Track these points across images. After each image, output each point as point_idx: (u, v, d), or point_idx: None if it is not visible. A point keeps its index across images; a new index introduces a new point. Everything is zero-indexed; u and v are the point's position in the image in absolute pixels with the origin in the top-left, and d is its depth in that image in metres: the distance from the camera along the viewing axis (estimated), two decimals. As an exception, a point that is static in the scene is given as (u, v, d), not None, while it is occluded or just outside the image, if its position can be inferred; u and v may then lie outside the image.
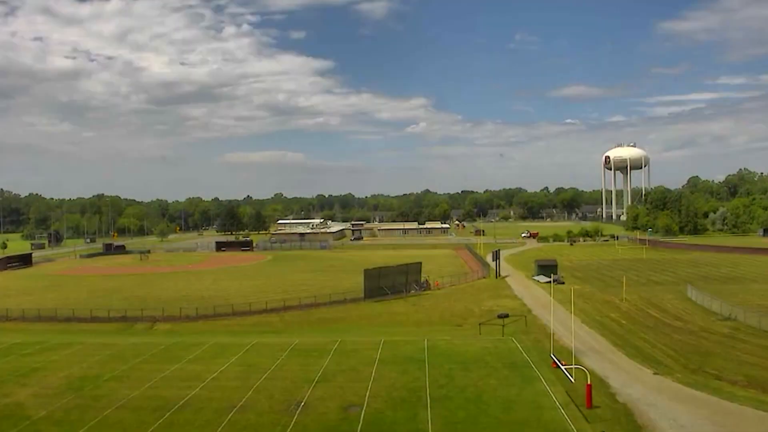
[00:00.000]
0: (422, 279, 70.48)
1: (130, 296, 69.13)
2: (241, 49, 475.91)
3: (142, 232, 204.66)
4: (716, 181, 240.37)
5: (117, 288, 77.80)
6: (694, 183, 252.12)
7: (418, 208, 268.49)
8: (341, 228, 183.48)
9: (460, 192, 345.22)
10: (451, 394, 31.46)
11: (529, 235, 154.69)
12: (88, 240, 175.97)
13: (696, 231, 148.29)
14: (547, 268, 74.67)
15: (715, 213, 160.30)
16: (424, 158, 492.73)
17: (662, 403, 29.28)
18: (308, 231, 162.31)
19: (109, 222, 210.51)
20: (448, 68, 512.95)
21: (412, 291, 65.95)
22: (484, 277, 77.80)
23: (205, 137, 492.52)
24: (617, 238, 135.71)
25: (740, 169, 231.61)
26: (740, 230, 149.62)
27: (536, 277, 74.36)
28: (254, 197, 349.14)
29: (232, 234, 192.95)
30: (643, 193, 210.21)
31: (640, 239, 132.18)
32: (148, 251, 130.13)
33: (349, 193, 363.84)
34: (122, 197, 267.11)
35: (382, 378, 34.53)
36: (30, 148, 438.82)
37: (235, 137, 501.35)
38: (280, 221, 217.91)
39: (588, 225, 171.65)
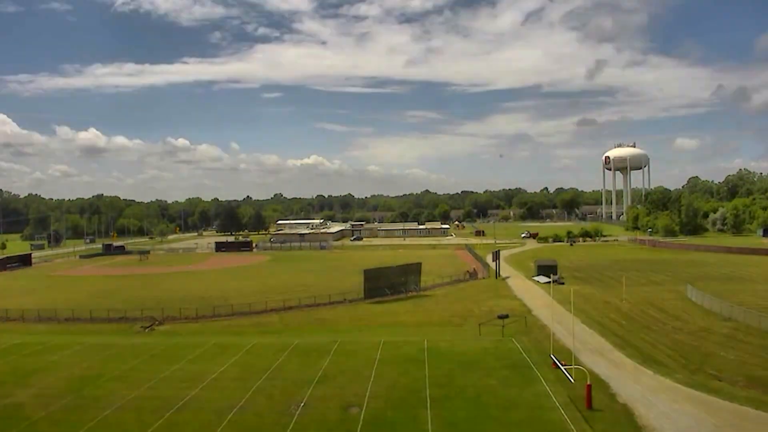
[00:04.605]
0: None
1: (129, 297, 69.05)
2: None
3: (141, 232, 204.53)
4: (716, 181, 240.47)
5: (117, 288, 77.77)
6: (693, 183, 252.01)
7: (417, 209, 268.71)
8: (341, 228, 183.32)
9: (459, 192, 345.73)
10: (451, 394, 31.47)
11: (528, 235, 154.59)
12: (88, 240, 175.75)
13: (696, 231, 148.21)
14: (547, 268, 74.63)
15: (715, 213, 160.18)
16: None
17: (662, 403, 29.28)
18: (308, 231, 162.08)
19: (108, 222, 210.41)
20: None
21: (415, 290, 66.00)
22: (484, 278, 77.82)
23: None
24: (617, 239, 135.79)
25: (740, 170, 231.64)
26: (740, 230, 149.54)
27: (536, 278, 74.32)
28: (254, 198, 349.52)
29: (231, 234, 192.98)
30: (644, 193, 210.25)
31: (640, 239, 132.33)
32: (148, 252, 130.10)
33: (349, 194, 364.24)
34: (121, 197, 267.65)
35: (382, 378, 34.54)
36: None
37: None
38: (279, 222, 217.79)
39: (588, 225, 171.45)
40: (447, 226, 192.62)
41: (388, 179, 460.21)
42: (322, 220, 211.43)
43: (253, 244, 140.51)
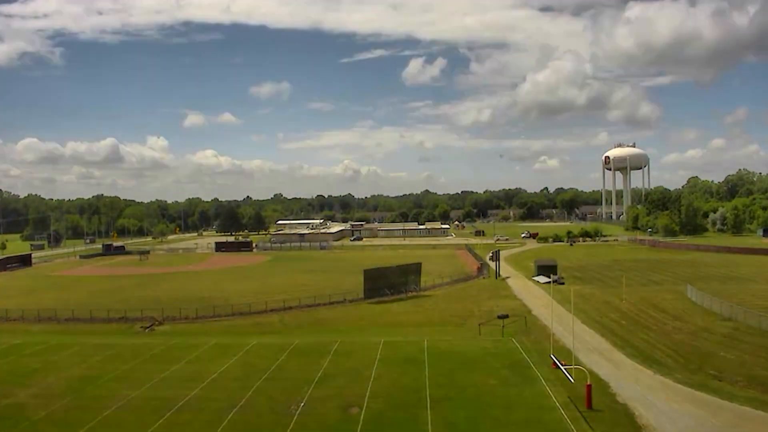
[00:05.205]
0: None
1: (129, 297, 69.05)
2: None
3: (141, 232, 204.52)
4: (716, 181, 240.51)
5: (116, 289, 77.76)
6: (693, 183, 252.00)
7: (417, 209, 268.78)
8: (341, 228, 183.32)
9: (459, 192, 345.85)
10: (451, 394, 31.46)
11: (528, 235, 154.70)
12: (88, 241, 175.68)
13: (696, 231, 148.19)
14: (547, 268, 74.61)
15: (715, 213, 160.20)
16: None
17: (662, 403, 29.28)
18: (308, 231, 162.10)
19: (108, 223, 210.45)
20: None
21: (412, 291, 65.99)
22: (484, 278, 77.82)
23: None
24: (617, 239, 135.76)
25: (740, 170, 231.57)
26: (740, 230, 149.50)
27: (536, 278, 74.30)
28: (254, 198, 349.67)
29: (231, 235, 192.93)
30: (643, 193, 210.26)
31: (640, 239, 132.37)
32: (148, 252, 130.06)
33: (349, 194, 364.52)
34: (121, 198, 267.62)
35: (382, 378, 34.54)
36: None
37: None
38: (279, 222, 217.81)
39: (588, 225, 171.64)
40: (447, 226, 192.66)
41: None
42: (322, 220, 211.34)
43: (253, 244, 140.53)
